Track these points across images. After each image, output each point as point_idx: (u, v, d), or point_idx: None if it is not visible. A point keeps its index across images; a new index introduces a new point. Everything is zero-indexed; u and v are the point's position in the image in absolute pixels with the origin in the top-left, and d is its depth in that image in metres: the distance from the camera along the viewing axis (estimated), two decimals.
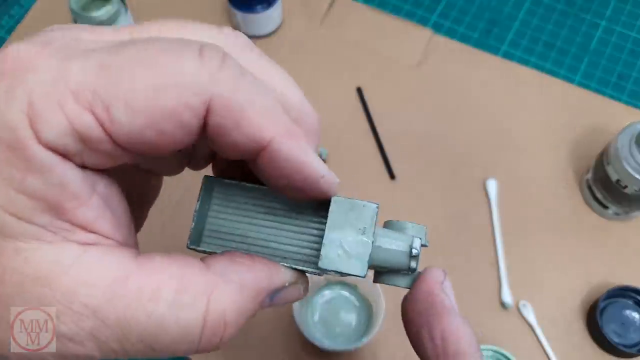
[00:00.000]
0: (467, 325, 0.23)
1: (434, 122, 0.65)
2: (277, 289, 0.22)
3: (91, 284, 0.18)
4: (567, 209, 0.60)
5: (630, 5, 0.73)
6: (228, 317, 0.20)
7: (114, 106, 0.18)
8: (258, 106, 0.19)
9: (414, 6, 0.73)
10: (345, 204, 0.22)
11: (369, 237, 0.22)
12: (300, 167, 0.20)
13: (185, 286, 0.19)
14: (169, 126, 0.18)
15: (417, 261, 0.23)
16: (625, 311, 0.55)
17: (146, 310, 0.18)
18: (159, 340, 0.19)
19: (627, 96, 0.67)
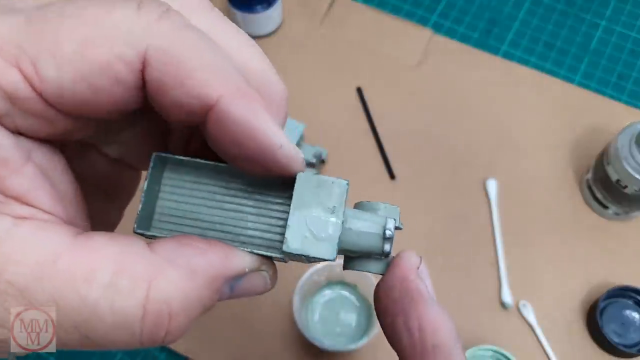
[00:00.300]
0: (446, 315, 0.21)
1: (434, 122, 0.65)
2: (236, 275, 0.19)
3: (18, 261, 0.16)
4: (567, 209, 0.60)
5: (630, 5, 0.73)
6: (174, 307, 0.17)
7: (40, 60, 0.16)
8: (203, 60, 0.17)
9: (414, 6, 0.73)
10: (312, 180, 0.20)
11: (339, 217, 0.20)
12: (252, 133, 0.18)
13: (123, 269, 0.17)
14: (102, 81, 0.17)
15: (391, 244, 0.20)
16: (625, 311, 0.55)
17: (79, 293, 0.16)
18: (94, 329, 0.17)
19: (627, 96, 0.67)
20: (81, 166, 0.21)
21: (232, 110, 0.17)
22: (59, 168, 0.18)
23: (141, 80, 0.17)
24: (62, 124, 0.18)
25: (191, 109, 0.17)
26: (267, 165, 0.18)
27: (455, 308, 0.55)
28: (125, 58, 0.17)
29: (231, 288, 0.20)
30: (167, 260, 0.17)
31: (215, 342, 0.54)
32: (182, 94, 0.17)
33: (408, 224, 0.59)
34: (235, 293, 0.20)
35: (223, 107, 0.17)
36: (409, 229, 0.59)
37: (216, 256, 0.18)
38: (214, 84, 0.17)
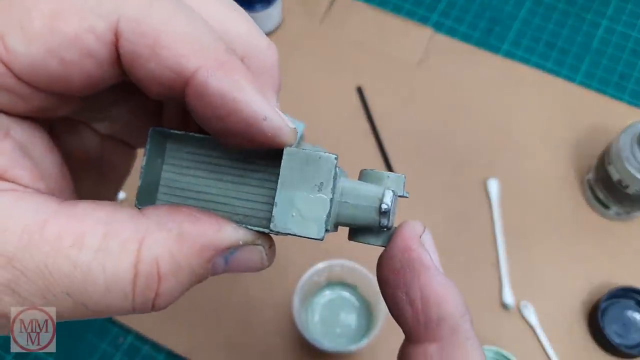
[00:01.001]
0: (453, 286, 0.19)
1: (434, 122, 0.65)
2: (229, 247, 0.19)
3: (4, 229, 0.16)
4: (569, 209, 0.60)
5: (631, 4, 0.73)
6: (162, 268, 0.17)
7: (8, 33, 0.16)
8: (178, 30, 0.16)
9: (415, 5, 0.73)
10: (300, 156, 0.19)
11: (327, 194, 0.19)
12: (233, 106, 0.17)
13: (112, 231, 0.16)
14: (73, 55, 0.16)
15: (388, 217, 0.19)
16: (627, 312, 0.55)
17: (69, 258, 0.16)
18: (88, 294, 0.16)
19: (628, 96, 0.67)
20: (71, 143, 0.21)
21: (210, 82, 0.16)
22: (40, 145, 0.18)
23: (115, 53, 0.16)
24: (37, 101, 0.17)
25: (168, 82, 0.17)
26: (254, 139, 0.18)
27: None
28: (96, 30, 0.16)
29: (226, 260, 0.19)
30: (157, 223, 0.17)
31: (215, 343, 0.54)
32: (158, 67, 0.16)
33: None
34: (231, 266, 0.19)
35: (201, 80, 0.16)
36: None
37: (208, 225, 0.18)
38: (190, 54, 0.16)
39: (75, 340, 0.54)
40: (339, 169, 0.19)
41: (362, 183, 0.20)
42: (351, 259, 0.51)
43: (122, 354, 0.54)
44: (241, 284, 0.56)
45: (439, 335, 0.18)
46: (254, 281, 0.56)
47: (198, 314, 0.55)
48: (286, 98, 0.65)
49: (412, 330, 0.19)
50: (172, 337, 0.54)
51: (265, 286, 0.56)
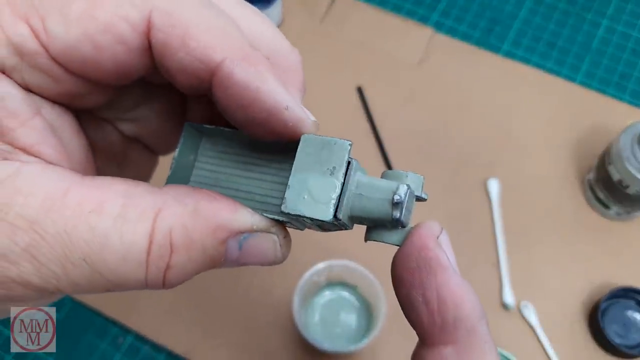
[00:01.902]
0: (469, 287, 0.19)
1: (435, 122, 0.64)
2: (244, 230, 0.19)
3: (28, 194, 0.16)
4: (569, 209, 0.60)
5: (632, 4, 0.73)
6: (175, 239, 0.17)
7: (48, 16, 0.17)
8: (207, 23, 0.17)
9: (415, 5, 0.73)
10: (317, 142, 0.20)
11: (339, 178, 0.19)
12: (256, 95, 0.17)
13: (131, 202, 0.17)
14: (107, 40, 0.17)
15: (400, 210, 0.19)
16: (627, 312, 0.55)
17: (89, 224, 0.16)
18: (105, 261, 0.17)
19: (629, 96, 0.67)
20: (96, 138, 0.21)
21: (235, 72, 0.17)
22: (68, 128, 0.19)
23: (146, 42, 0.17)
24: (69, 84, 0.18)
25: (196, 72, 0.17)
26: (276, 129, 0.18)
27: None
28: (129, 19, 0.17)
29: (240, 246, 0.19)
30: (174, 198, 0.18)
31: (215, 343, 0.54)
32: (186, 57, 0.17)
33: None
34: (244, 254, 0.19)
35: (227, 70, 0.17)
36: None
37: (224, 206, 0.18)
38: (218, 46, 0.17)
39: (75, 340, 0.54)
40: (355, 162, 0.20)
41: (378, 179, 0.20)
42: (351, 259, 0.51)
43: (122, 354, 0.54)
44: (241, 284, 0.56)
45: (455, 337, 0.18)
46: (255, 281, 0.56)
47: (198, 314, 0.55)
48: None
49: (427, 332, 0.18)
50: (172, 337, 0.54)
51: (266, 286, 0.56)
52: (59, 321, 0.54)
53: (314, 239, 0.58)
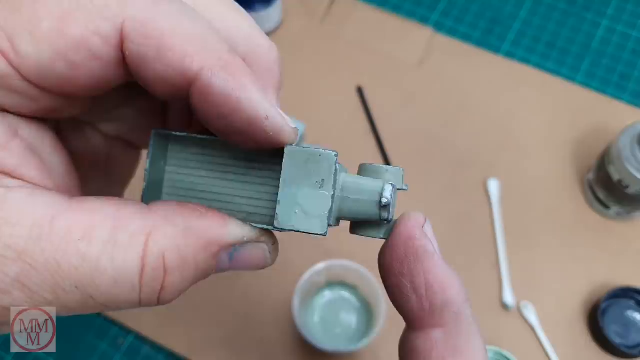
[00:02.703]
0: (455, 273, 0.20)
1: (435, 122, 0.64)
2: (233, 243, 0.19)
3: (14, 223, 0.16)
4: (569, 209, 0.60)
5: (632, 4, 0.73)
6: (168, 261, 0.17)
7: (17, 36, 0.16)
8: (182, 31, 0.17)
9: (415, 5, 0.73)
10: (301, 154, 0.19)
11: (329, 190, 0.19)
12: (236, 106, 0.17)
13: (121, 225, 0.17)
14: (80, 57, 0.16)
15: (388, 211, 0.20)
16: (627, 312, 0.55)
17: (79, 251, 0.16)
18: (97, 286, 0.17)
19: (629, 95, 0.67)
20: (78, 144, 0.21)
21: (213, 82, 0.17)
22: (48, 144, 0.18)
23: (120, 54, 0.17)
24: (45, 102, 0.17)
25: (173, 82, 0.17)
26: (255, 138, 0.18)
27: None
28: (101, 32, 0.16)
29: (230, 257, 0.19)
30: (164, 217, 0.17)
31: (215, 343, 0.54)
32: (163, 67, 0.17)
33: None
34: (235, 263, 0.20)
35: (205, 80, 0.17)
36: None
37: (214, 221, 0.18)
38: (195, 55, 0.17)
39: (75, 340, 0.54)
40: (339, 165, 0.20)
41: (362, 178, 0.20)
42: (351, 259, 0.51)
43: (122, 355, 0.54)
44: (241, 284, 0.56)
45: (443, 320, 0.19)
46: (254, 281, 0.56)
47: (198, 314, 0.55)
48: (286, 98, 0.65)
49: (416, 316, 0.19)
50: (172, 337, 0.54)
51: (265, 286, 0.56)
52: (59, 321, 0.54)
53: (313, 240, 0.58)
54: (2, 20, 0.16)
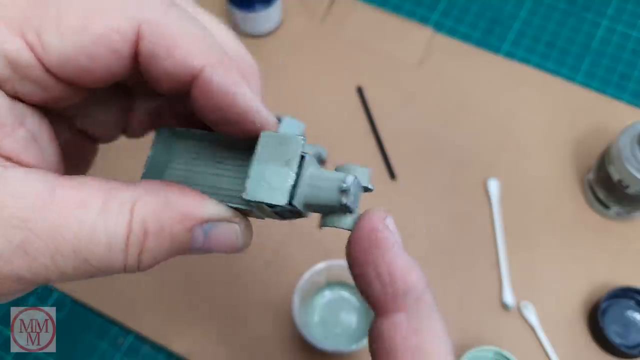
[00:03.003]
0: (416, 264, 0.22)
1: (435, 122, 0.65)
2: (209, 219, 0.21)
3: (19, 196, 0.18)
4: (569, 209, 0.60)
5: (632, 4, 0.73)
6: (148, 226, 0.20)
7: (45, 31, 0.18)
8: (189, 34, 0.20)
9: (415, 5, 0.73)
10: (274, 138, 0.22)
11: (293, 169, 0.22)
12: (233, 98, 0.20)
13: (112, 196, 0.19)
14: (100, 51, 0.19)
15: (347, 196, 0.22)
16: (627, 312, 0.55)
17: (78, 218, 0.18)
18: (92, 251, 0.19)
19: (629, 95, 0.67)
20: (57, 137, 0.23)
21: (214, 78, 0.20)
22: (46, 135, 0.20)
23: (134, 50, 0.19)
24: (57, 91, 0.19)
25: (179, 77, 0.20)
26: (245, 128, 0.21)
27: (457, 309, 0.55)
28: (121, 30, 0.19)
29: (205, 233, 0.22)
30: (148, 190, 0.20)
31: (215, 343, 0.54)
32: (171, 64, 0.19)
33: (409, 224, 0.59)
34: (209, 242, 0.22)
35: (207, 75, 0.19)
36: (410, 229, 0.59)
37: (193, 198, 0.21)
38: (199, 54, 0.19)
39: (75, 340, 0.54)
40: (309, 156, 0.22)
41: (330, 171, 0.23)
42: None
43: (122, 354, 0.54)
44: (241, 284, 0.56)
45: (405, 304, 0.20)
46: (254, 281, 0.56)
47: (198, 314, 0.55)
48: (287, 98, 0.65)
49: (380, 302, 0.21)
50: (172, 337, 0.54)
51: (265, 286, 0.56)
52: (59, 321, 0.54)
53: (313, 239, 0.58)
54: (32, 15, 0.18)
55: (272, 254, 0.57)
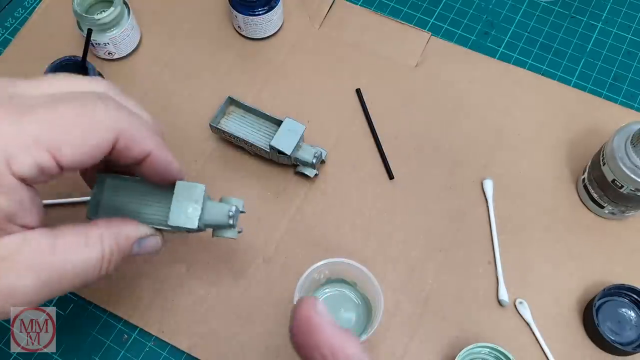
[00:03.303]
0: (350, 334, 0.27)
1: (432, 123, 0.66)
2: (142, 237, 0.39)
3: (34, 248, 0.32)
4: (564, 208, 0.61)
5: (626, 7, 0.74)
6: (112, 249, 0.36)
7: (62, 146, 0.31)
8: (143, 132, 0.35)
9: (412, 9, 0.74)
10: (186, 185, 0.39)
11: (199, 205, 0.39)
12: (168, 166, 0.38)
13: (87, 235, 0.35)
14: (95, 152, 0.32)
15: (233, 219, 0.42)
16: (621, 309, 0.56)
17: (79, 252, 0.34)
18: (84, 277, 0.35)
19: (622, 97, 0.68)
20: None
21: (157, 156, 0.36)
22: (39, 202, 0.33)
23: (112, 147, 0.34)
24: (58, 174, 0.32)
25: (137, 158, 0.36)
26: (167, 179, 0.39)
27: (453, 306, 0.56)
28: (107, 138, 0.33)
29: (139, 244, 0.39)
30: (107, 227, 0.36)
31: (217, 339, 0.55)
32: (134, 152, 0.35)
33: (406, 223, 0.60)
34: (142, 249, 0.39)
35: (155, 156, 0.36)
36: (407, 228, 0.60)
37: (132, 226, 0.38)
38: (149, 144, 0.35)
39: (79, 336, 0.55)
40: (207, 197, 0.41)
41: (220, 203, 0.42)
42: (349, 257, 0.52)
43: (126, 350, 0.55)
44: (243, 282, 0.57)
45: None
46: (255, 279, 0.57)
47: (201, 311, 0.56)
48: (287, 99, 0.66)
49: None
50: (175, 333, 0.55)
51: (267, 284, 0.57)
52: (63, 317, 0.55)
53: (313, 239, 0.59)
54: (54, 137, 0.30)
55: (273, 251, 0.58)
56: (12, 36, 0.72)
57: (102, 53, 0.67)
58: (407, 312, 0.56)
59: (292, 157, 0.58)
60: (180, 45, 0.70)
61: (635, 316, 0.55)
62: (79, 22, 0.65)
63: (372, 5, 0.74)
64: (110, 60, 0.69)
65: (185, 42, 0.70)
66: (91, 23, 0.63)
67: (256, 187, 0.61)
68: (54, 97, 0.31)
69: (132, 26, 0.67)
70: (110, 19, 0.63)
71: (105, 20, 0.63)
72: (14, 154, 0.29)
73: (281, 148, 0.56)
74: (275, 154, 0.58)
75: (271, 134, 0.59)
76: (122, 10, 0.65)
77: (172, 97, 0.67)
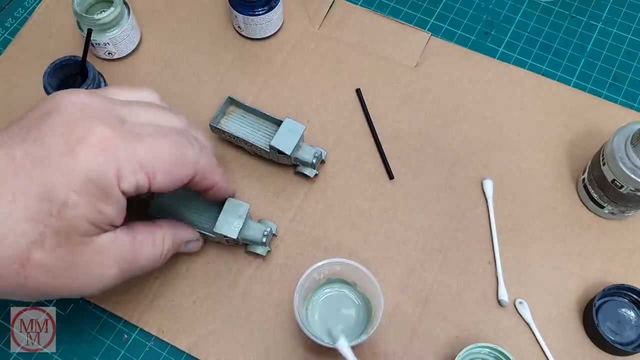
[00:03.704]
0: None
1: (431, 123, 0.66)
2: (191, 239, 0.52)
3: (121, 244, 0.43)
4: (564, 208, 0.61)
5: (626, 7, 0.74)
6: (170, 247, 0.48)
7: (157, 174, 0.40)
8: (213, 167, 0.46)
9: (412, 9, 0.74)
10: (234, 203, 0.51)
11: (242, 220, 0.51)
12: (227, 192, 0.50)
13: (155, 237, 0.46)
14: (178, 183, 0.43)
15: (267, 238, 0.53)
16: (621, 309, 0.56)
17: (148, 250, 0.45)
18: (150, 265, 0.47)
19: (622, 97, 0.68)
20: None
21: (221, 186, 0.48)
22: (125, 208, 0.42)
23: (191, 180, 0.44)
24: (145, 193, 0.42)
25: (208, 188, 0.47)
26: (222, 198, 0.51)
27: (453, 306, 0.56)
28: (190, 173, 0.43)
29: (186, 245, 0.51)
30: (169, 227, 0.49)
31: (217, 339, 0.55)
32: (205, 184, 0.46)
33: (406, 223, 0.60)
34: (186, 249, 0.52)
35: (220, 186, 0.48)
36: (407, 227, 0.60)
37: (185, 230, 0.51)
38: (217, 178, 0.47)
39: (79, 336, 0.55)
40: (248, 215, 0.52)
41: (257, 223, 0.53)
42: (349, 257, 0.52)
43: (126, 350, 0.55)
44: (243, 282, 0.57)
45: None
46: (255, 279, 0.57)
47: (201, 310, 0.56)
48: (288, 99, 0.66)
49: None
50: (175, 333, 0.55)
51: (267, 284, 0.57)
52: (63, 317, 0.55)
53: (313, 239, 0.59)
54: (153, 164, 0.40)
55: (274, 250, 0.58)
56: (12, 36, 0.72)
57: (102, 53, 0.67)
58: (407, 312, 0.56)
59: (292, 157, 0.58)
60: (180, 45, 0.70)
61: (635, 316, 0.55)
62: (79, 22, 0.66)
63: (372, 5, 0.74)
64: (110, 60, 0.69)
65: (185, 42, 0.71)
66: (91, 23, 0.63)
67: (256, 187, 0.61)
68: (157, 130, 0.40)
69: (132, 26, 0.67)
70: (110, 19, 0.63)
71: (105, 20, 0.63)
72: (124, 175, 0.38)
73: (281, 148, 0.56)
74: (275, 154, 0.58)
75: (271, 134, 0.59)
76: (122, 10, 0.65)
77: (172, 97, 0.67)
